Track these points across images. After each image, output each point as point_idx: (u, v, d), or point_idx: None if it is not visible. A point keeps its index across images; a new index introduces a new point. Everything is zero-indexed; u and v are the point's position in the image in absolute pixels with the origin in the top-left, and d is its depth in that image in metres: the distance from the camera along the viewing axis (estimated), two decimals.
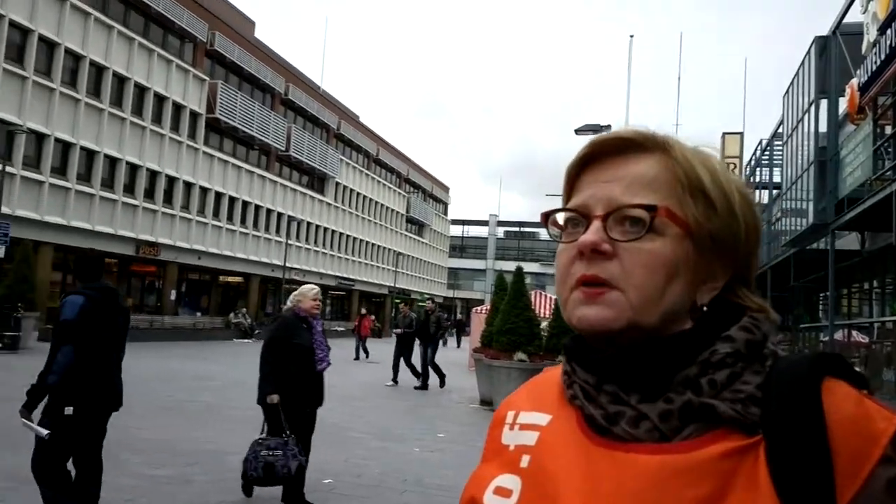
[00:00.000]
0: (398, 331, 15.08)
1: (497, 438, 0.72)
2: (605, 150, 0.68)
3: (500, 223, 76.35)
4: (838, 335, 18.42)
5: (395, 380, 14.40)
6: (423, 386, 14.03)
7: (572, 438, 0.64)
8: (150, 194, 29.41)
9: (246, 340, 27.21)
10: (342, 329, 40.10)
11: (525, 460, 0.67)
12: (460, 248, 76.32)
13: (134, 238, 28.25)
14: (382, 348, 30.01)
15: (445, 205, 71.75)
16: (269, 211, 38.07)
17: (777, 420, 0.56)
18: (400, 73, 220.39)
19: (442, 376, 14.32)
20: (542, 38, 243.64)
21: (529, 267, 65.40)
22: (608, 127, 15.93)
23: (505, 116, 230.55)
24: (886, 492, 0.54)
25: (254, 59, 36.50)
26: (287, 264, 36.01)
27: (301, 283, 34.03)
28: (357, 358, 22.19)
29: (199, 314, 31.89)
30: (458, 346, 37.86)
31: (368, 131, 51.97)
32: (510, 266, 14.34)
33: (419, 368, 14.29)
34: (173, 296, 31.06)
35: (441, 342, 19.89)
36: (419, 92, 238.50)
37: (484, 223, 76.49)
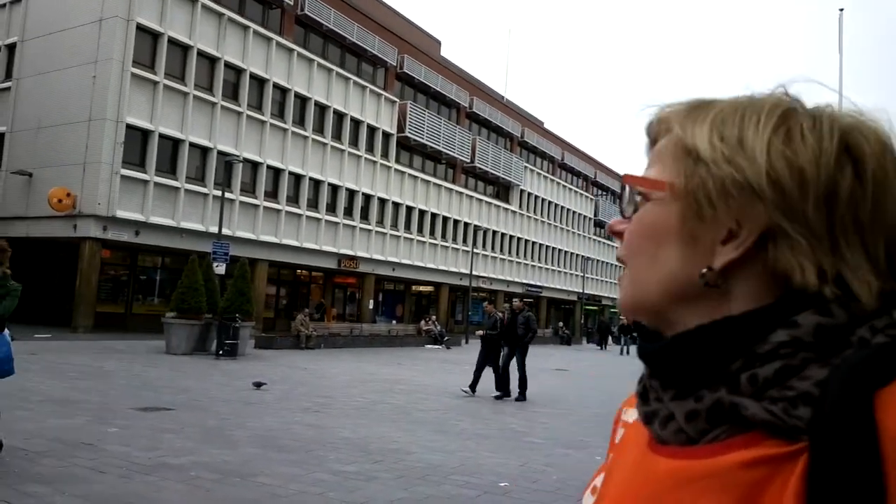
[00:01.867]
0: (480, 332, 13.45)
1: (612, 438, 0.72)
2: (652, 136, 0.64)
3: None
4: None
5: (472, 387, 12.61)
6: (506, 393, 12.48)
7: (639, 441, 0.60)
8: (349, 212, 31.89)
9: (436, 346, 28.26)
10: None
11: (610, 459, 0.67)
12: None
13: (336, 252, 30.79)
14: (569, 355, 29.51)
15: None
16: (455, 222, 39.41)
17: (819, 424, 0.45)
18: (583, 77, 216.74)
19: (524, 387, 12.42)
20: (735, 20, 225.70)
21: None
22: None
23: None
24: None
25: (440, 77, 38.13)
26: (474, 272, 36.96)
27: (488, 291, 34.79)
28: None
29: (394, 322, 33.88)
30: (603, 347, 36.95)
31: (553, 136, 51.72)
32: None
33: (517, 375, 12.56)
34: (371, 305, 33.33)
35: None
36: (604, 92, 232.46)
37: None
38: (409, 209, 35.82)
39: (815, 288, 0.50)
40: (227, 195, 24.19)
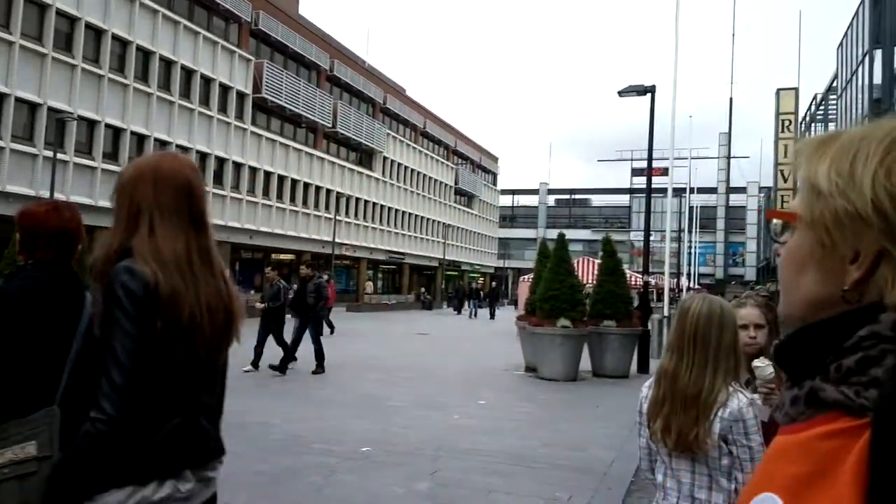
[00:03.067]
0: (261, 305, 11.67)
1: None
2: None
3: (551, 191, 75.50)
4: None
5: (255, 364, 10.90)
6: (318, 366, 11.15)
7: None
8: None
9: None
10: (394, 302, 40.63)
11: None
12: (511, 217, 75.92)
13: None
14: (430, 319, 30.33)
15: (494, 175, 71.22)
16: (317, 188, 38.61)
17: (882, 402, 0.55)
18: (446, 44, 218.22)
19: (321, 359, 11.19)
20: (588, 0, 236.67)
21: (580, 234, 64.77)
22: (652, 88, 15.41)
23: (553, 82, 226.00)
24: None
25: (298, 37, 36.74)
26: (337, 240, 36.59)
27: (352, 259, 34.56)
28: (331, 330, 18.36)
29: (252, 292, 32.83)
30: (492, 317, 34.64)
31: (415, 104, 51.84)
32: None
33: (314, 346, 11.33)
34: (227, 274, 32.00)
35: (324, 317, 14.88)
36: (465, 62, 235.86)
37: (534, 192, 75.74)
38: (268, 174, 34.56)
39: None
40: (60, 156, 22.01)
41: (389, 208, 46.90)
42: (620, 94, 15.79)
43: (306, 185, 37.62)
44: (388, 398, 9.05)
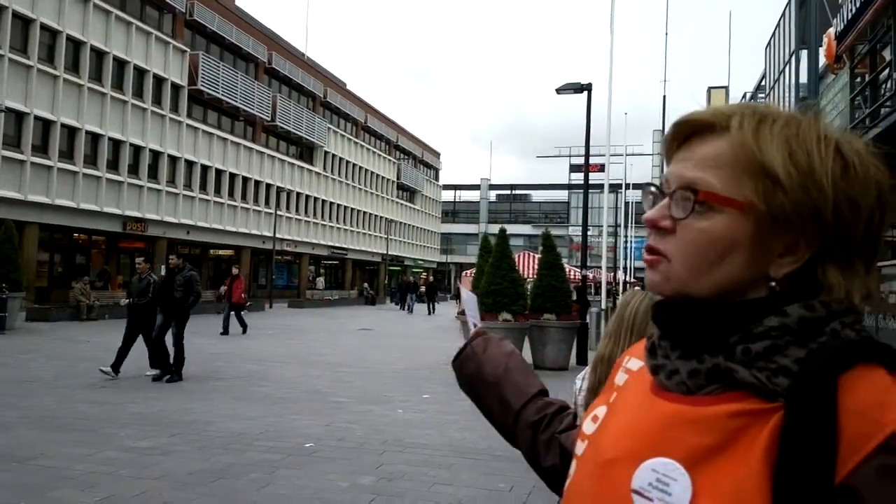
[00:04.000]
0: (125, 301, 10.23)
1: (612, 378, 0.82)
2: (687, 131, 0.70)
3: (492, 186, 76.15)
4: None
5: (115, 367, 9.48)
6: (175, 373, 9.70)
7: (642, 386, 0.73)
8: (134, 170, 29.16)
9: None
10: (336, 298, 40.26)
11: (613, 397, 0.77)
12: (453, 212, 76.24)
13: (120, 215, 28.11)
14: (373, 315, 30.22)
15: (437, 170, 71.36)
16: (257, 182, 37.85)
17: (795, 392, 0.59)
18: (386, 39, 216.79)
19: (180, 363, 9.80)
20: None
21: (522, 229, 65.62)
22: (589, 85, 15.76)
23: (493, 79, 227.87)
24: (876, 475, 0.56)
25: (234, 28, 35.87)
26: (277, 235, 35.97)
27: (293, 254, 34.03)
28: (225, 332, 16.84)
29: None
30: (431, 312, 32.13)
31: (356, 98, 51.40)
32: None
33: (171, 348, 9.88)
34: (163, 271, 31.04)
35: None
36: (406, 57, 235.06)
37: (476, 187, 76.26)
38: (205, 168, 33.65)
39: (841, 303, 0.64)
40: None
41: (331, 203, 46.40)
42: (558, 91, 16.08)
43: (245, 180, 36.83)
44: (332, 394, 9.01)
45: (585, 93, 15.62)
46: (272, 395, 8.84)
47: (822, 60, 13.07)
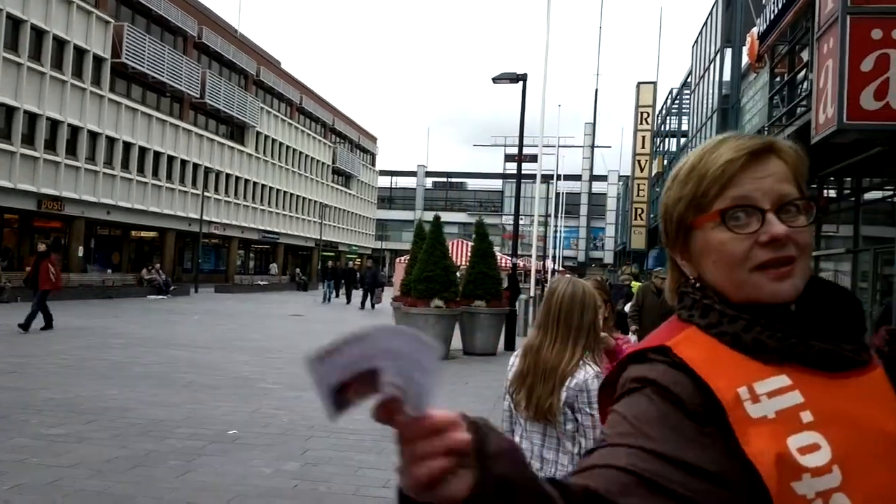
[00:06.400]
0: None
1: (745, 416, 0.72)
2: (750, 153, 0.81)
3: (429, 174, 76.14)
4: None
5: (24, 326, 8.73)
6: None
7: (824, 382, 0.75)
8: (51, 145, 27.59)
9: (160, 297, 26.35)
10: (265, 283, 39.42)
11: (807, 416, 0.72)
12: (389, 199, 75.84)
13: (35, 192, 26.57)
14: (305, 301, 29.74)
15: (373, 155, 70.73)
16: (183, 162, 36.49)
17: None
18: (324, 19, 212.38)
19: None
20: None
21: (457, 217, 65.90)
22: (524, 76, 15.93)
23: (432, 65, 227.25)
24: None
25: (162, 0, 34.34)
26: (205, 218, 34.85)
27: (221, 238, 32.89)
28: (25, 328, 12.54)
29: (109, 271, 30.59)
30: (365, 306, 25.53)
31: (291, 78, 50.20)
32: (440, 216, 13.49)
33: None
34: (81, 252, 29.61)
35: None
36: (344, 38, 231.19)
37: (412, 174, 76.06)
38: (128, 145, 32.16)
39: None
40: None
41: (263, 185, 45.29)
42: (494, 80, 16.18)
43: (171, 159, 35.44)
44: (260, 380, 8.84)
45: (521, 83, 15.79)
46: (196, 381, 8.59)
47: (745, 59, 13.65)
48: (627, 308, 11.88)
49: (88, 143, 29.50)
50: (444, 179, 77.24)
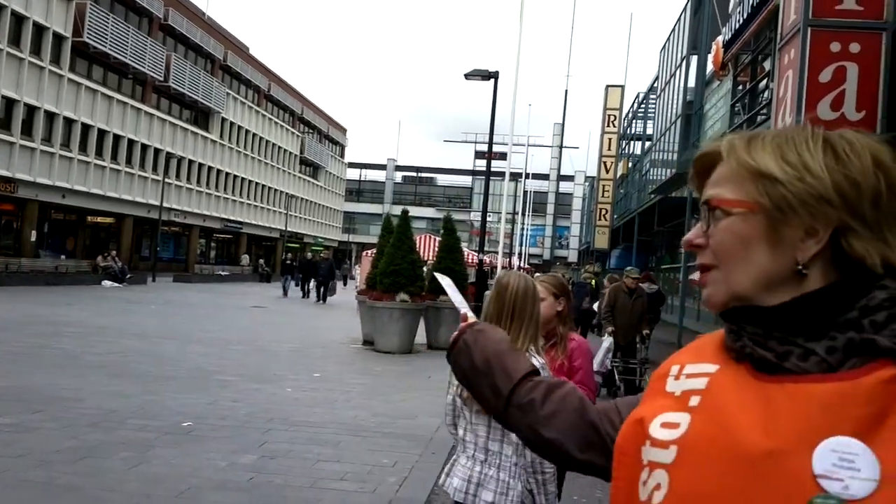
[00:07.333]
0: None
1: (661, 388, 0.80)
2: (704, 166, 0.82)
3: (399, 168, 75.84)
4: (695, 275, 20.10)
5: None
6: None
7: (744, 380, 0.74)
8: (5, 125, 26.68)
9: (116, 285, 25.70)
10: (228, 273, 38.81)
11: (695, 400, 0.76)
12: (357, 191, 75.33)
13: None
14: (268, 292, 29.36)
15: (342, 147, 70.14)
16: (144, 146, 35.65)
17: None
18: (295, 4, 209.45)
19: None
20: None
21: (425, 212, 65.81)
22: (496, 74, 15.97)
23: (405, 58, 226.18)
24: None
25: None
26: (165, 205, 34.11)
27: (182, 226, 32.29)
28: None
29: (63, 257, 29.70)
30: (321, 299, 24.24)
31: (259, 65, 49.42)
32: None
33: None
34: (34, 237, 28.70)
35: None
36: (315, 28, 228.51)
37: (382, 167, 75.65)
38: (86, 127, 31.26)
39: (879, 267, 0.71)
40: None
41: (227, 173, 44.54)
42: (466, 76, 16.21)
43: (131, 143, 34.60)
44: (218, 372, 8.69)
45: (493, 80, 15.83)
46: (151, 372, 8.41)
47: (710, 67, 13.91)
48: (595, 307, 12.04)
49: (45, 124, 28.61)
50: (414, 174, 77.05)
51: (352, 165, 73.85)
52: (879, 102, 6.54)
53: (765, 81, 10.36)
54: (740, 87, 11.93)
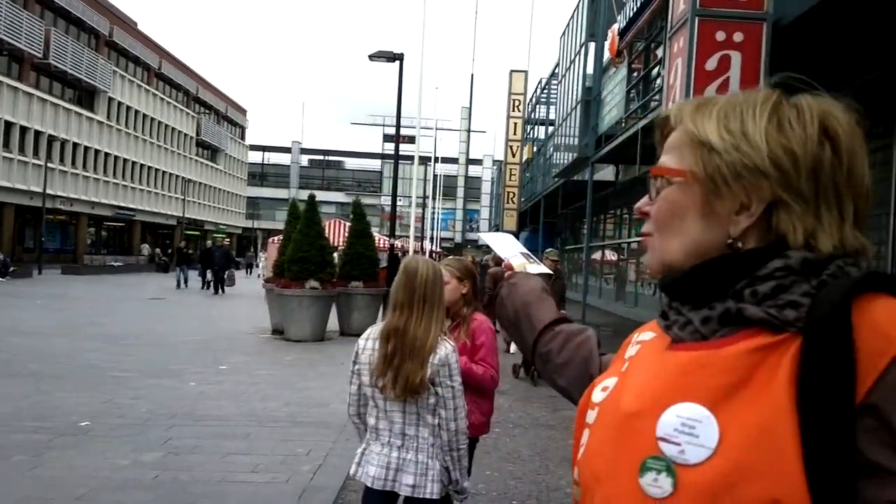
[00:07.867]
0: None
1: (622, 353, 0.84)
2: (662, 133, 0.81)
3: (304, 151, 73.99)
4: (596, 255, 20.93)
5: None
6: None
7: (657, 347, 0.76)
8: None
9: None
10: (120, 264, 36.71)
11: (626, 366, 0.79)
12: (261, 175, 72.92)
13: None
14: (166, 283, 28.06)
15: (243, 129, 67.65)
16: (23, 129, 32.98)
17: (813, 316, 0.64)
18: None
19: None
20: None
21: (334, 196, 64.71)
22: (401, 55, 15.87)
23: (308, 36, 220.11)
24: (894, 388, 0.59)
25: None
26: (49, 191, 31.76)
27: (68, 214, 30.41)
28: None
29: None
30: (220, 290, 22.32)
31: (149, 41, 46.70)
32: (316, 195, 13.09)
33: None
34: None
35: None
36: (210, 2, 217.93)
37: (287, 150, 73.54)
38: None
39: (801, 244, 0.69)
40: None
41: (116, 157, 41.98)
42: (371, 58, 16.01)
43: (8, 125, 31.92)
44: (113, 368, 8.25)
45: (398, 63, 15.72)
46: (40, 371, 7.88)
47: (607, 54, 14.45)
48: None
49: None
50: (321, 157, 75.45)
51: (254, 148, 71.44)
52: None
53: (657, 69, 10.88)
54: (635, 74, 12.46)
